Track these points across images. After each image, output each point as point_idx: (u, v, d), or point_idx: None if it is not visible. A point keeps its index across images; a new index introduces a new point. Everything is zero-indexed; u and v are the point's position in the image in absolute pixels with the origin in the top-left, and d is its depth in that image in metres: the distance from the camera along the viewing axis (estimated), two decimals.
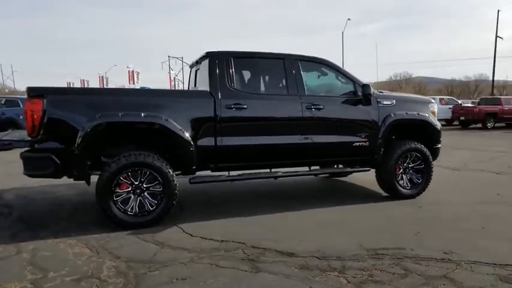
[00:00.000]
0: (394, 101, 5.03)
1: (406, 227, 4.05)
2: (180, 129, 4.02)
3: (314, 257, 3.25)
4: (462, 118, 18.86)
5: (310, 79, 4.80)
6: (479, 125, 18.45)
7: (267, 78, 4.81)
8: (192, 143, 4.08)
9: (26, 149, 3.91)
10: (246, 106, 4.28)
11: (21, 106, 12.81)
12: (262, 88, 4.63)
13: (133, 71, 49.30)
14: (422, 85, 69.27)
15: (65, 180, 6.05)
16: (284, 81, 4.60)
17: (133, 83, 49.77)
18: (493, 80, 38.28)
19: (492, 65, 36.86)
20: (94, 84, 53.98)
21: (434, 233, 3.85)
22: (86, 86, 58.32)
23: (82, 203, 5.13)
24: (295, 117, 4.53)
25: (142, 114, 3.91)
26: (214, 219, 4.29)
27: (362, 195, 5.40)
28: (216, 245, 3.53)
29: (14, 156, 4.96)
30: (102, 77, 52.91)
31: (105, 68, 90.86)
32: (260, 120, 4.42)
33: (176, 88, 49.98)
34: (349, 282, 2.82)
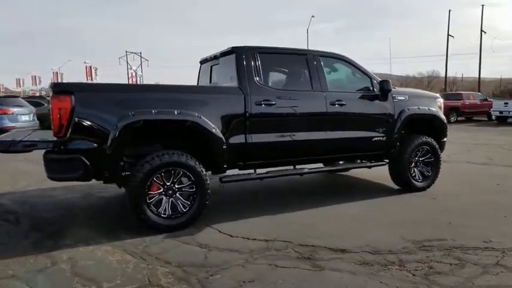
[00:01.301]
0: (407, 96, 5.18)
1: (435, 217, 4.19)
2: (213, 127, 3.87)
3: (367, 252, 3.27)
4: None
5: (330, 75, 4.81)
6: None
7: (291, 73, 4.76)
8: (224, 140, 3.96)
9: (43, 150, 3.61)
10: (274, 102, 4.21)
11: None
12: (287, 84, 4.57)
13: (90, 67, 47.03)
14: None
15: (52, 183, 5.72)
16: (308, 77, 4.58)
17: (92, 79, 47.51)
18: (445, 76, 40.74)
19: (444, 62, 39.19)
20: (47, 81, 50.90)
21: (464, 222, 4.01)
22: (37, 83, 54.96)
23: (91, 207, 4.82)
24: (320, 113, 4.53)
25: (176, 112, 3.72)
26: (244, 218, 4.19)
27: (375, 189, 5.51)
28: (263, 245, 3.45)
29: None
30: (57, 72, 49.90)
31: (54, 64, 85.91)
32: (288, 116, 4.36)
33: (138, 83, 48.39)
34: (414, 275, 2.86)
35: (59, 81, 47.90)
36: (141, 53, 67.20)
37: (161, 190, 3.77)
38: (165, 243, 3.50)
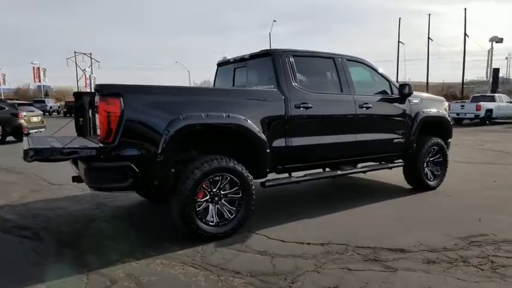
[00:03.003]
0: (420, 99, 5.41)
1: (462, 214, 4.40)
2: (258, 131, 3.78)
3: (425, 251, 3.35)
4: None
5: (355, 78, 4.89)
6: None
7: (321, 76, 4.77)
8: (268, 144, 3.88)
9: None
10: (311, 105, 4.20)
11: None
12: (320, 87, 4.57)
13: (38, 68, 44.02)
14: None
15: (49, 194, 5.30)
16: (337, 80, 4.62)
17: (40, 81, 44.55)
18: (397, 81, 43.07)
19: (396, 66, 41.62)
20: None
21: (491, 217, 4.24)
22: None
23: (113, 218, 4.50)
24: (351, 116, 4.59)
25: (224, 115, 3.59)
26: (283, 223, 4.12)
27: (389, 190, 5.65)
28: (321, 249, 3.41)
29: None
30: None
31: None
32: (323, 119, 4.37)
33: (92, 86, 46.15)
34: (482, 269, 2.97)
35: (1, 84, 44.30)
36: (91, 53, 64.47)
37: (207, 197, 3.61)
38: (221, 253, 3.35)
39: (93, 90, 4.36)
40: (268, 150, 3.87)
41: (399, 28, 43.71)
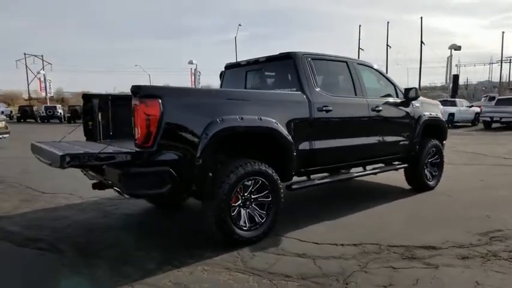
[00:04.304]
0: (421, 103, 5.65)
1: (470, 212, 4.63)
2: (287, 134, 3.78)
3: (455, 247, 3.49)
4: None
5: (365, 82, 5.02)
6: None
7: (337, 80, 4.85)
8: (295, 147, 3.89)
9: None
10: (331, 108, 4.26)
11: None
12: (337, 90, 4.64)
13: None
14: None
15: (43, 203, 5.01)
16: (351, 83, 4.73)
17: None
18: None
19: None
20: None
21: (496, 215, 4.48)
22: None
23: (127, 226, 4.32)
24: (365, 119, 4.70)
25: (257, 118, 3.55)
26: (306, 225, 4.13)
27: (392, 191, 5.81)
28: (357, 250, 3.46)
29: None
30: None
31: None
32: (342, 122, 4.44)
33: (47, 90, 43.89)
34: None
35: None
36: (42, 55, 61.25)
37: (239, 201, 3.56)
38: (261, 257, 3.30)
39: (99, 93, 4.14)
40: (295, 153, 3.88)
41: (359, 35, 45.50)
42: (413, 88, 5.27)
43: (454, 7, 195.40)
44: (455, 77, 26.16)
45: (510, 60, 58.15)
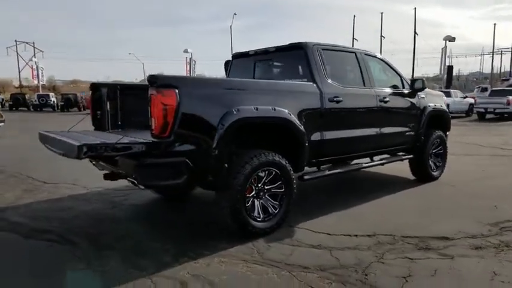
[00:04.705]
0: (426, 94, 5.65)
1: (476, 202, 4.66)
2: (300, 124, 3.75)
3: (468, 238, 3.52)
4: None
5: (373, 73, 4.99)
6: None
7: (347, 70, 4.80)
8: (307, 137, 3.86)
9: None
10: (342, 99, 4.23)
11: None
12: (347, 81, 4.60)
13: None
14: None
15: (47, 194, 4.93)
16: (360, 74, 4.70)
17: None
18: None
19: None
20: None
21: (503, 205, 4.52)
22: None
23: (136, 217, 4.29)
24: (374, 109, 4.69)
25: (271, 108, 3.51)
26: (320, 216, 4.12)
27: (397, 181, 5.81)
28: (372, 241, 3.47)
29: None
30: None
31: None
32: (352, 112, 4.43)
33: (40, 77, 43.15)
34: None
35: None
36: (34, 43, 60.06)
37: (253, 192, 3.53)
38: (276, 248, 3.29)
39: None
40: (307, 144, 3.85)
41: (353, 27, 45.38)
42: (419, 79, 5.26)
43: None
44: (450, 68, 26.29)
45: (501, 51, 58.70)
